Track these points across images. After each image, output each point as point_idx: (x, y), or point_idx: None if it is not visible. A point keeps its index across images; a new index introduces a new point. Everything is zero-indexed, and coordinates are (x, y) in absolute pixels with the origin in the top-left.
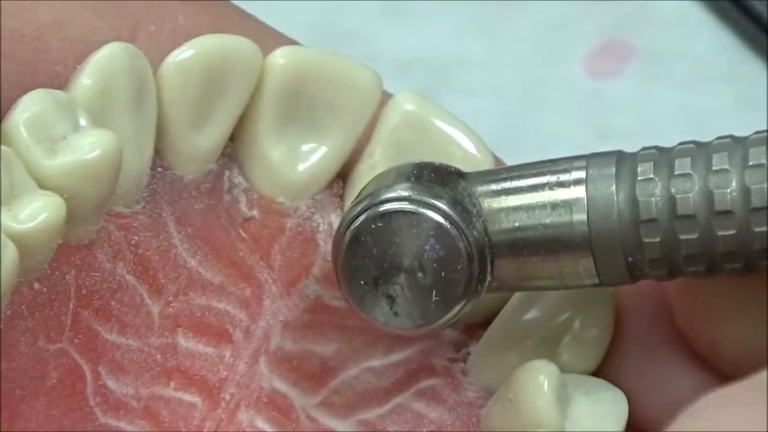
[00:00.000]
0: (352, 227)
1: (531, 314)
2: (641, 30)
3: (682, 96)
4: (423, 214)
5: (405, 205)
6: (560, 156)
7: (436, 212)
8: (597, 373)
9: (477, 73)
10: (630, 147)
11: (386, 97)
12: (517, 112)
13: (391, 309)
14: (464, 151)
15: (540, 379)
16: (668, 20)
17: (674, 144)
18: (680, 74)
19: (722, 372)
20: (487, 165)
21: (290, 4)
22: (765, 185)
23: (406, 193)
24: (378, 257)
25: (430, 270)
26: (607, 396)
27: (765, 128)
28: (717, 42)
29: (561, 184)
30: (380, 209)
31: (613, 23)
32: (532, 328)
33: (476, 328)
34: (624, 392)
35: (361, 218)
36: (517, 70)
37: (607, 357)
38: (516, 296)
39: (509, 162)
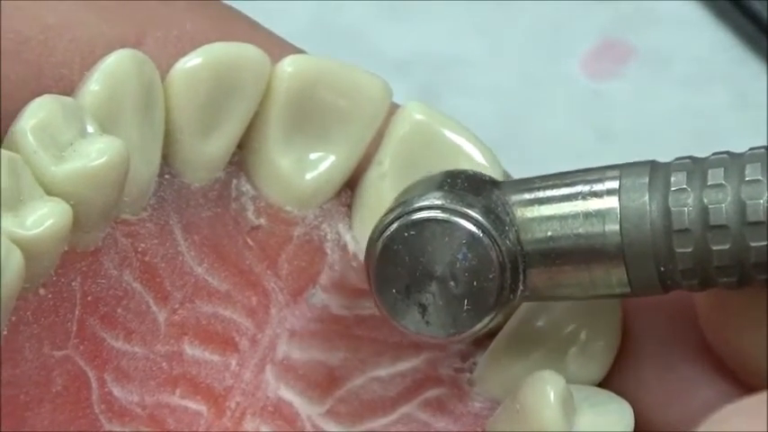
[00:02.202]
0: (385, 235)
1: (538, 325)
2: (641, 30)
3: (681, 96)
4: (455, 223)
5: (437, 214)
6: (560, 156)
7: (469, 221)
8: (612, 385)
9: (477, 73)
10: (629, 147)
11: (393, 107)
12: (517, 112)
13: (423, 317)
14: (473, 161)
15: (546, 390)
16: (668, 20)
17: (673, 143)
18: (679, 74)
19: (745, 382)
20: (496, 175)
21: (291, 3)
22: None
23: (438, 202)
24: (410, 266)
25: (462, 279)
26: (613, 407)
27: (765, 129)
28: (716, 42)
29: (594, 194)
30: (413, 217)
31: (613, 23)
32: (539, 339)
33: (482, 338)
34: (639, 406)
35: (394, 226)
36: (517, 70)
37: (621, 370)
38: (523, 307)
39: (507, 163)
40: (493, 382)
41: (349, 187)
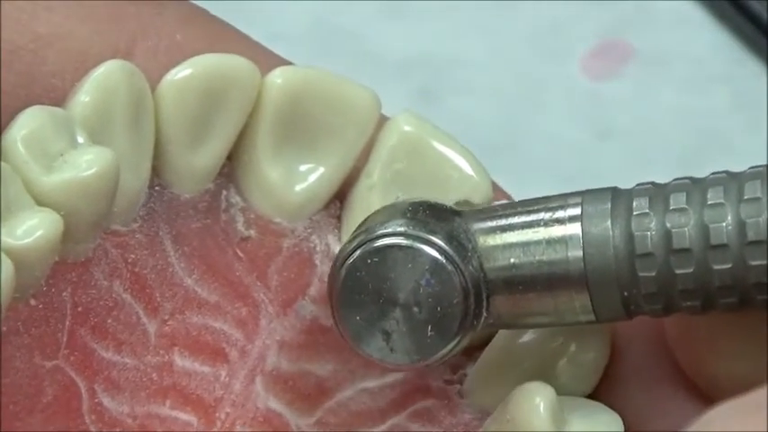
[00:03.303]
0: (348, 262)
1: (528, 336)
2: (640, 30)
3: (681, 97)
4: (418, 249)
5: (400, 240)
6: (560, 156)
7: (432, 247)
8: (596, 398)
9: (476, 73)
10: (629, 147)
11: (383, 119)
12: (516, 112)
13: (387, 344)
14: (461, 173)
15: (536, 401)
16: (667, 20)
17: (673, 144)
18: (678, 74)
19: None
20: (485, 186)
21: (291, 3)
22: (761, 219)
23: (401, 229)
24: (373, 293)
25: (426, 305)
26: (603, 419)
27: (765, 129)
28: (715, 43)
29: (557, 221)
30: (376, 244)
31: (612, 24)
32: (529, 351)
33: (473, 349)
34: (626, 417)
35: (357, 253)
36: (516, 71)
37: (606, 383)
38: None
39: (507, 164)
40: (483, 393)
41: (338, 199)
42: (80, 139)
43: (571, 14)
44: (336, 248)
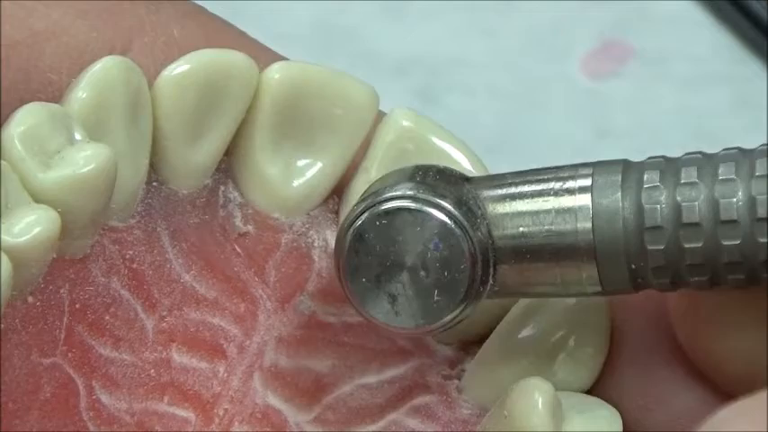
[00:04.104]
0: (356, 224)
1: (527, 332)
2: (640, 30)
3: (680, 97)
4: (427, 213)
5: (409, 203)
6: (559, 156)
7: (441, 211)
8: (594, 391)
9: (476, 73)
10: (629, 147)
11: (381, 114)
12: (516, 112)
13: (392, 307)
14: (459, 167)
15: (534, 396)
16: (667, 20)
17: (673, 144)
18: (678, 74)
19: (722, 389)
20: None
21: (291, 3)
22: None
23: (410, 192)
24: (380, 255)
25: (433, 269)
26: (601, 414)
27: (765, 129)
28: (715, 43)
29: (567, 191)
30: (384, 206)
31: (612, 24)
32: (527, 346)
33: (471, 345)
34: (622, 411)
35: (365, 215)
36: (516, 71)
37: (604, 375)
38: (512, 313)
39: (507, 164)
40: (481, 389)
41: (336, 194)
42: (77, 136)
43: (571, 14)
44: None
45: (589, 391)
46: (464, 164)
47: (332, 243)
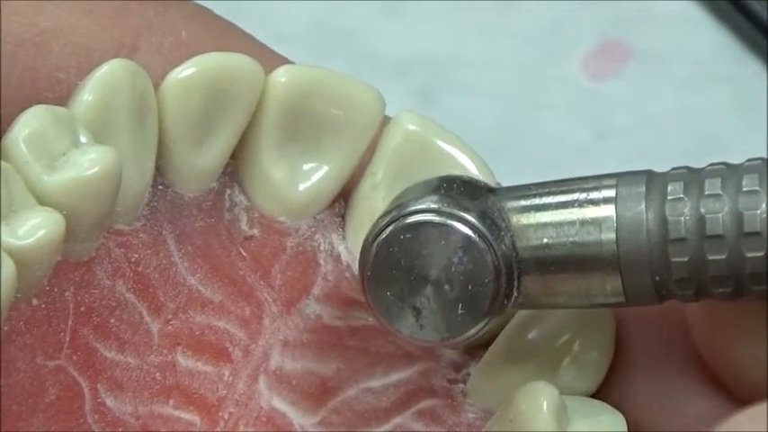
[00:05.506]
0: (381, 237)
1: (532, 336)
2: (640, 30)
3: (680, 97)
4: (451, 226)
5: (433, 217)
6: (559, 156)
7: (465, 225)
8: (606, 396)
9: (476, 73)
10: (629, 148)
11: (387, 117)
12: (516, 112)
13: (417, 321)
14: (466, 171)
15: (539, 400)
16: (667, 20)
17: (673, 144)
18: (678, 75)
19: (737, 395)
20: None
21: (291, 3)
22: None
23: (434, 205)
24: (405, 269)
25: (457, 283)
26: (606, 418)
27: (765, 130)
28: (715, 43)
29: (591, 202)
30: (409, 220)
31: (612, 24)
32: (533, 350)
33: (476, 348)
34: (634, 416)
35: (390, 229)
36: (516, 71)
37: (615, 381)
38: (517, 317)
39: (507, 164)
40: (486, 392)
41: (342, 198)
42: (83, 139)
43: (571, 14)
44: (340, 248)
45: (596, 396)
46: (469, 167)
47: (338, 246)
